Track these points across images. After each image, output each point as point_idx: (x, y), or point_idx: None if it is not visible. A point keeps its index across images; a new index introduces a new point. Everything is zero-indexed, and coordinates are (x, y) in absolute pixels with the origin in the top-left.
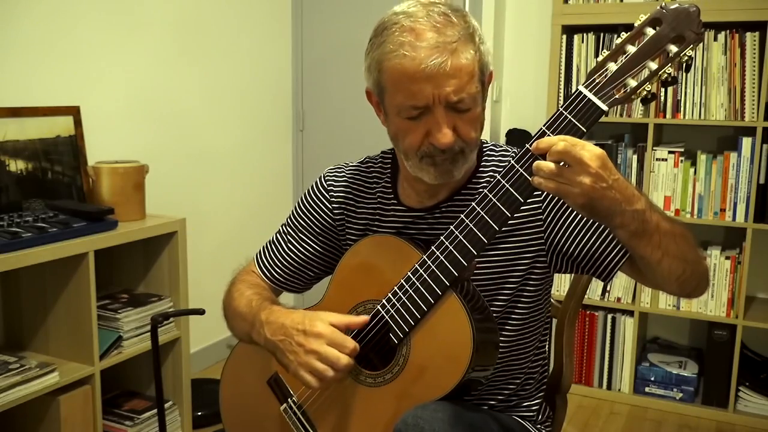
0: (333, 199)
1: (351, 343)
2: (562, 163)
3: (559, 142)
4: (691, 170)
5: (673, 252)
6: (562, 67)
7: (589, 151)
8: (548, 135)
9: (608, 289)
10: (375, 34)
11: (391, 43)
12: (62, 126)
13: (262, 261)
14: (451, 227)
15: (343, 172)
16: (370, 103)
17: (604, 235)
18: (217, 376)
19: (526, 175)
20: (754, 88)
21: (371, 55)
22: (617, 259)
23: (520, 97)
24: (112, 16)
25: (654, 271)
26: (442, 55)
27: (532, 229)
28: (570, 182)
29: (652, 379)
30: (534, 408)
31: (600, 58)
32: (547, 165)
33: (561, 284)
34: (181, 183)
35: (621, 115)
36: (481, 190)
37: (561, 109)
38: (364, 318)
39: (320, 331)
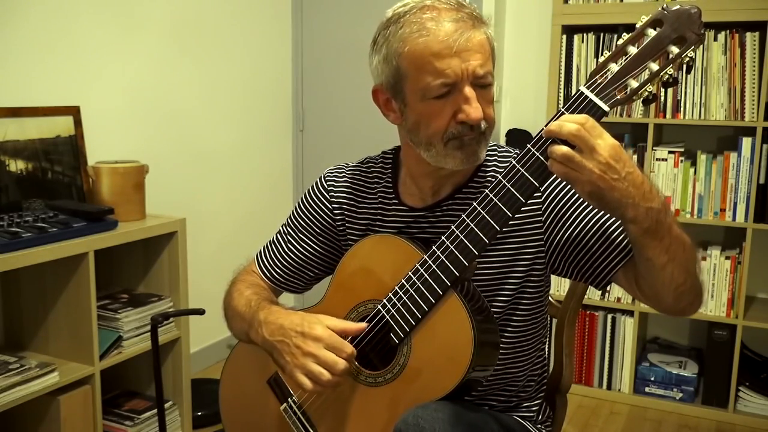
0: (333, 200)
1: (349, 348)
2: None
3: (574, 123)
4: (691, 170)
5: (679, 259)
6: (562, 67)
7: (604, 140)
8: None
9: (608, 288)
10: (386, 26)
11: (411, 25)
12: (62, 126)
13: (262, 261)
14: (453, 227)
15: (344, 172)
16: (377, 103)
17: (602, 240)
18: (217, 376)
19: (527, 175)
20: (754, 88)
21: (386, 46)
22: (614, 263)
23: (520, 97)
24: (112, 16)
25: (656, 276)
26: (465, 29)
27: (533, 229)
28: (578, 168)
29: (652, 379)
30: (534, 408)
31: (601, 58)
32: (560, 148)
33: (561, 284)
34: (181, 183)
35: (621, 115)
36: (482, 189)
37: (562, 110)
38: (361, 325)
39: (319, 334)
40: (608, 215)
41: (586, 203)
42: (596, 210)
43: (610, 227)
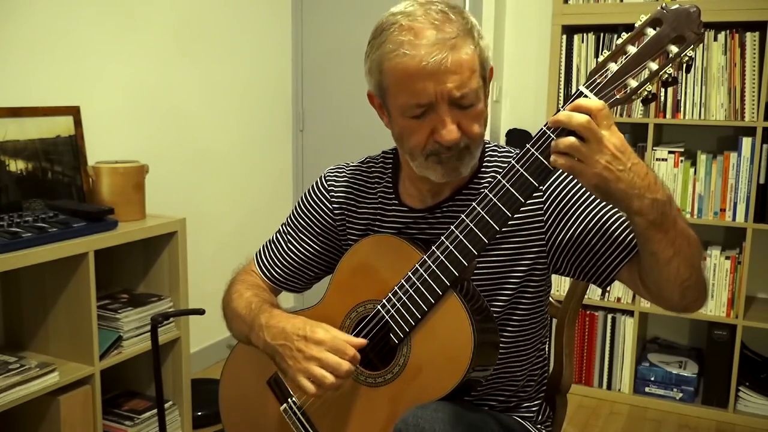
0: (333, 199)
1: (351, 351)
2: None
3: (583, 115)
4: (691, 170)
5: (685, 253)
6: (562, 67)
7: (610, 131)
8: (551, 137)
9: (608, 289)
10: (374, 35)
11: (390, 43)
12: (62, 126)
13: (262, 260)
14: (452, 227)
15: (344, 172)
16: (372, 106)
17: (605, 237)
18: (217, 376)
19: (526, 175)
20: (754, 88)
21: (371, 57)
22: (617, 261)
23: (520, 97)
24: (112, 16)
25: (661, 271)
26: (442, 51)
27: (534, 229)
28: (585, 159)
29: (652, 379)
30: (534, 409)
31: (601, 58)
32: (566, 139)
33: (561, 284)
34: (181, 183)
35: (621, 115)
36: (482, 190)
37: (562, 109)
38: (362, 340)
39: (321, 337)
40: (610, 213)
41: (587, 202)
42: (598, 208)
43: (613, 225)
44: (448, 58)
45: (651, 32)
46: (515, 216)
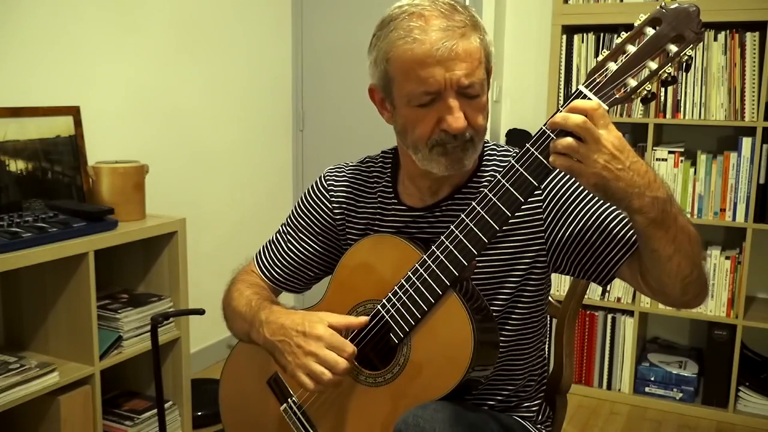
0: (333, 199)
1: (349, 347)
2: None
3: (579, 116)
4: (691, 170)
5: (685, 250)
6: (562, 67)
7: (608, 131)
8: (551, 136)
9: (608, 289)
10: (380, 27)
11: (399, 29)
12: (62, 126)
13: (262, 261)
14: (452, 227)
15: (344, 171)
16: (373, 102)
17: (605, 235)
18: (217, 376)
19: (526, 174)
20: (754, 88)
21: (377, 46)
22: (617, 259)
23: (520, 97)
24: (112, 16)
25: (662, 268)
26: (452, 38)
27: (533, 228)
28: (583, 159)
29: (652, 379)
30: (534, 408)
31: (600, 57)
32: (564, 140)
33: (561, 284)
34: (181, 183)
35: (621, 115)
36: (482, 189)
37: (561, 109)
38: (364, 319)
39: (320, 333)
40: (610, 211)
41: (586, 200)
42: (597, 206)
43: (612, 222)
44: (459, 45)
45: (650, 31)
46: (514, 215)
